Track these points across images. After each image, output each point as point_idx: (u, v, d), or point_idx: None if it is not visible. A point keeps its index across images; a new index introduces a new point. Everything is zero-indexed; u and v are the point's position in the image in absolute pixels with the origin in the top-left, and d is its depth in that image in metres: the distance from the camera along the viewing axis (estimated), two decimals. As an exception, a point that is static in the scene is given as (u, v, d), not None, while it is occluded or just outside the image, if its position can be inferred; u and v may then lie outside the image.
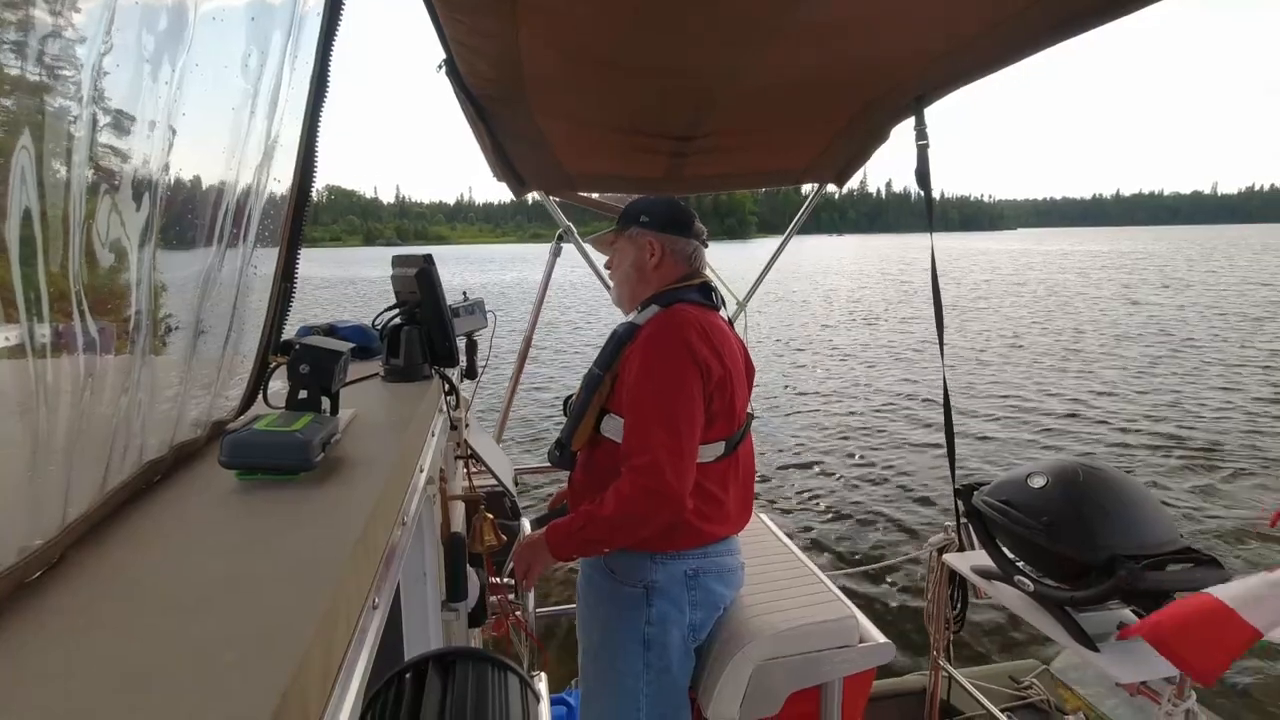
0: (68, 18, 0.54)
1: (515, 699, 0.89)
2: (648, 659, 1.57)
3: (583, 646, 1.71)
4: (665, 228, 1.68)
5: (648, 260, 1.69)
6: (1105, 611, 1.80)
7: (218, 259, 0.88)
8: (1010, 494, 1.87)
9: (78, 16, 0.55)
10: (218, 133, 0.83)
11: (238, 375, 1.08)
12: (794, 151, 2.45)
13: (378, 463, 0.91)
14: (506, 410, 3.50)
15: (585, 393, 1.64)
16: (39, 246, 0.54)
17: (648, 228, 1.69)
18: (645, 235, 1.69)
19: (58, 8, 0.54)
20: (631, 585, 1.58)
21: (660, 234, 1.68)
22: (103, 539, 0.67)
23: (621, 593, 1.59)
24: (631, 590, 1.58)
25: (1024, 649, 3.87)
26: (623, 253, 1.73)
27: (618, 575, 1.60)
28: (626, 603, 1.58)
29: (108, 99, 0.61)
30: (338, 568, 0.60)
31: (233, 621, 0.52)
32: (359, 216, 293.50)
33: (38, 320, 0.55)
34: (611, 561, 1.61)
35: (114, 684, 0.45)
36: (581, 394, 1.66)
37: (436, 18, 1.40)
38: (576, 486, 1.73)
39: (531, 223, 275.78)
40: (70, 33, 0.55)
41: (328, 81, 1.08)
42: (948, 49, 1.54)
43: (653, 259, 1.68)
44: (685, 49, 1.50)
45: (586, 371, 1.67)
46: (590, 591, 1.68)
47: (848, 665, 1.65)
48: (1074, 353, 13.73)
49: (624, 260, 1.72)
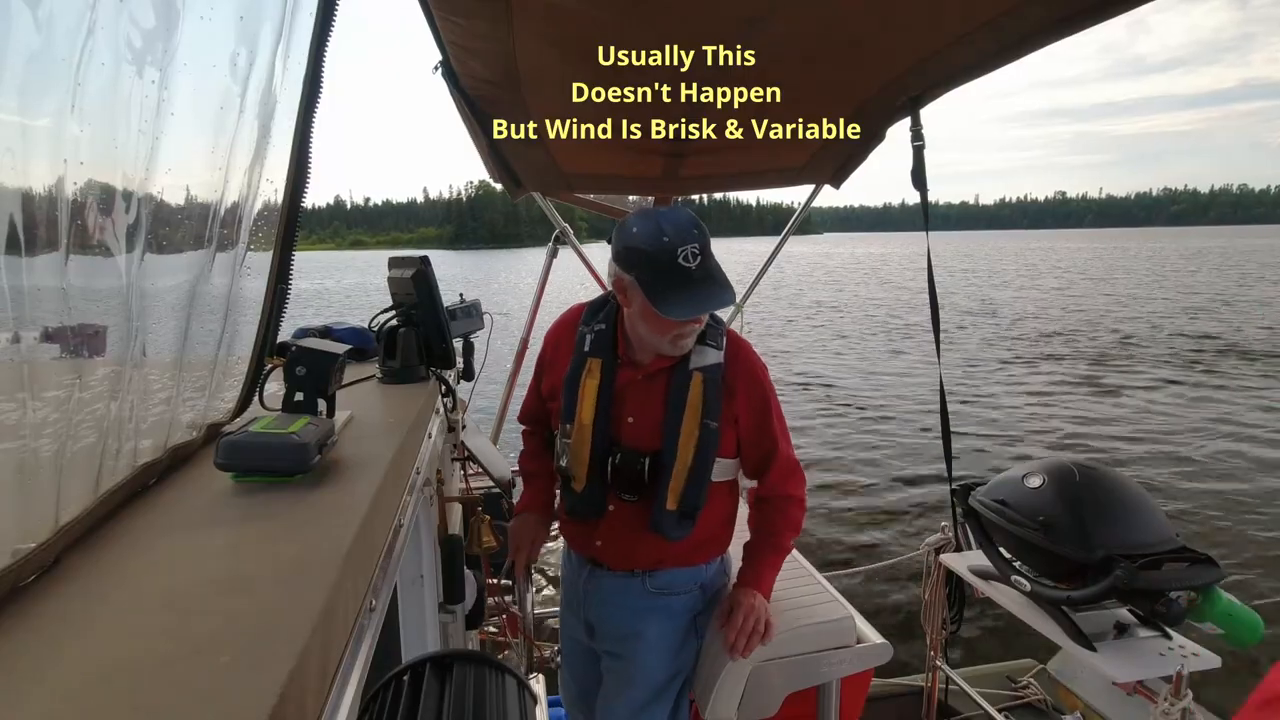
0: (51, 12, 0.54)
1: (513, 701, 0.89)
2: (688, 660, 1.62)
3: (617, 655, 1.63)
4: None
5: None
6: (1102, 611, 1.80)
7: (209, 260, 0.88)
8: (1007, 494, 1.87)
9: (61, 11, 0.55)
10: (207, 132, 0.82)
11: (233, 377, 1.08)
12: (790, 151, 2.45)
13: (374, 465, 0.91)
14: (503, 411, 3.49)
15: (704, 451, 1.46)
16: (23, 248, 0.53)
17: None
18: None
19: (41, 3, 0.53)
20: (682, 593, 1.58)
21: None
22: (99, 542, 0.66)
23: (673, 604, 1.58)
24: (682, 598, 1.59)
25: (1021, 649, 3.87)
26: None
27: (667, 589, 1.58)
28: (678, 609, 1.59)
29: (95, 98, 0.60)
30: (334, 570, 0.60)
31: (230, 623, 0.52)
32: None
33: (27, 323, 0.55)
34: (656, 580, 1.57)
35: (110, 686, 0.44)
36: (699, 453, 1.46)
37: (433, 19, 1.40)
38: (621, 534, 1.55)
39: (352, 229, 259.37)
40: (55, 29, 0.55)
41: (321, 81, 1.08)
42: (942, 48, 1.54)
43: None
44: (679, 47, 1.50)
45: (677, 429, 1.46)
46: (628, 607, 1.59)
47: (845, 666, 1.65)
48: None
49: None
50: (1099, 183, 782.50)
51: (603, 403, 1.50)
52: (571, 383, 1.53)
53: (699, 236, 1.35)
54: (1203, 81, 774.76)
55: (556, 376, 1.57)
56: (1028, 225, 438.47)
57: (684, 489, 1.47)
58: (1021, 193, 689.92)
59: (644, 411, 1.51)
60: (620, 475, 1.49)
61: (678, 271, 1.33)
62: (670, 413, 1.48)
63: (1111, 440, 8.20)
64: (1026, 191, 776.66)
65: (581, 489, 1.53)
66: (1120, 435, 8.37)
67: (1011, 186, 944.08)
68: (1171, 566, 1.64)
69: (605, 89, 1.80)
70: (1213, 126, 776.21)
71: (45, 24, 0.53)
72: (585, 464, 1.51)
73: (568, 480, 1.55)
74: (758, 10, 1.32)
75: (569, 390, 1.53)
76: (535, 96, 1.82)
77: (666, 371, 1.50)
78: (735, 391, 1.50)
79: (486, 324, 2.14)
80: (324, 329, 1.78)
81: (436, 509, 1.67)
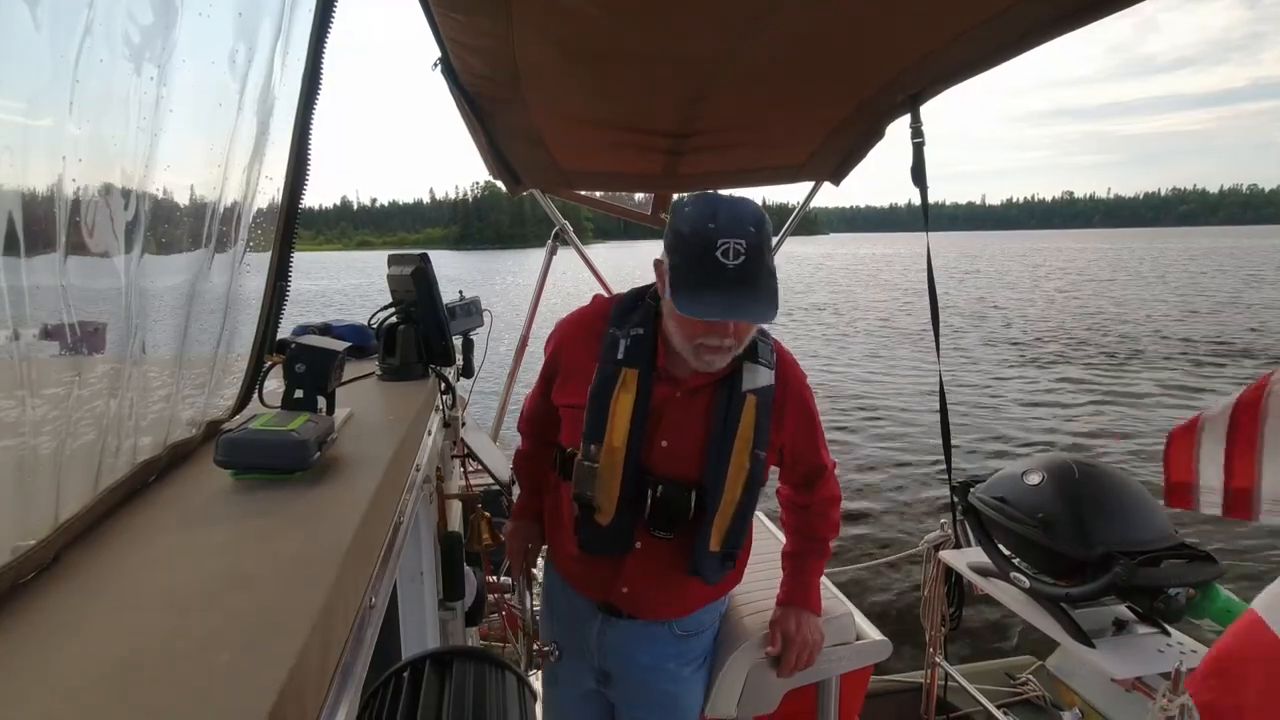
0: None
1: (513, 698, 0.89)
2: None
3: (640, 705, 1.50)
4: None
5: None
6: (1101, 607, 1.80)
7: (208, 257, 0.88)
8: (1006, 491, 1.88)
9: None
10: (206, 130, 0.82)
11: (232, 375, 1.08)
12: (790, 148, 2.45)
13: (374, 462, 0.91)
14: (503, 408, 3.50)
15: (753, 485, 1.32)
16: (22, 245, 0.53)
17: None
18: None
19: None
20: (707, 629, 1.50)
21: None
22: (98, 539, 0.66)
23: (695, 647, 1.48)
24: (707, 633, 1.50)
25: (1020, 645, 3.88)
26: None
27: (695, 629, 1.48)
28: (701, 649, 1.50)
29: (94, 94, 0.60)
30: (334, 567, 0.60)
31: (230, 620, 0.52)
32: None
33: (26, 320, 0.55)
34: (684, 624, 1.45)
35: (110, 684, 0.44)
36: (748, 489, 1.32)
37: (432, 16, 1.39)
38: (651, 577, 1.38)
39: (359, 229, 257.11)
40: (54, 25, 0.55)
41: (320, 77, 1.08)
42: (942, 45, 1.54)
43: None
44: (678, 41, 1.50)
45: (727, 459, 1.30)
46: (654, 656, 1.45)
47: (844, 663, 1.65)
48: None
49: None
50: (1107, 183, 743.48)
51: (637, 422, 1.29)
52: (600, 397, 1.30)
53: (754, 235, 1.13)
54: (1212, 81, 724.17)
55: (576, 385, 1.35)
56: (1035, 225, 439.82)
57: (729, 527, 1.31)
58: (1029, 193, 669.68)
59: (680, 435, 1.31)
60: (660, 509, 1.29)
61: (711, 264, 1.12)
62: (715, 439, 1.29)
63: (1112, 439, 8.22)
64: (1034, 192, 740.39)
65: (608, 522, 1.31)
66: (1120, 435, 8.38)
67: (1019, 186, 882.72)
68: (1170, 563, 1.65)
69: (605, 85, 1.80)
70: (1222, 126, 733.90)
71: (43, 20, 0.53)
72: (615, 494, 1.29)
73: (589, 510, 1.32)
74: (758, 7, 1.31)
75: (597, 405, 1.30)
76: (535, 93, 1.82)
77: (710, 389, 1.31)
78: (785, 417, 1.36)
79: (486, 321, 2.14)
80: (324, 326, 1.78)
81: (436, 506, 1.67)
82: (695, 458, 1.30)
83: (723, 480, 1.29)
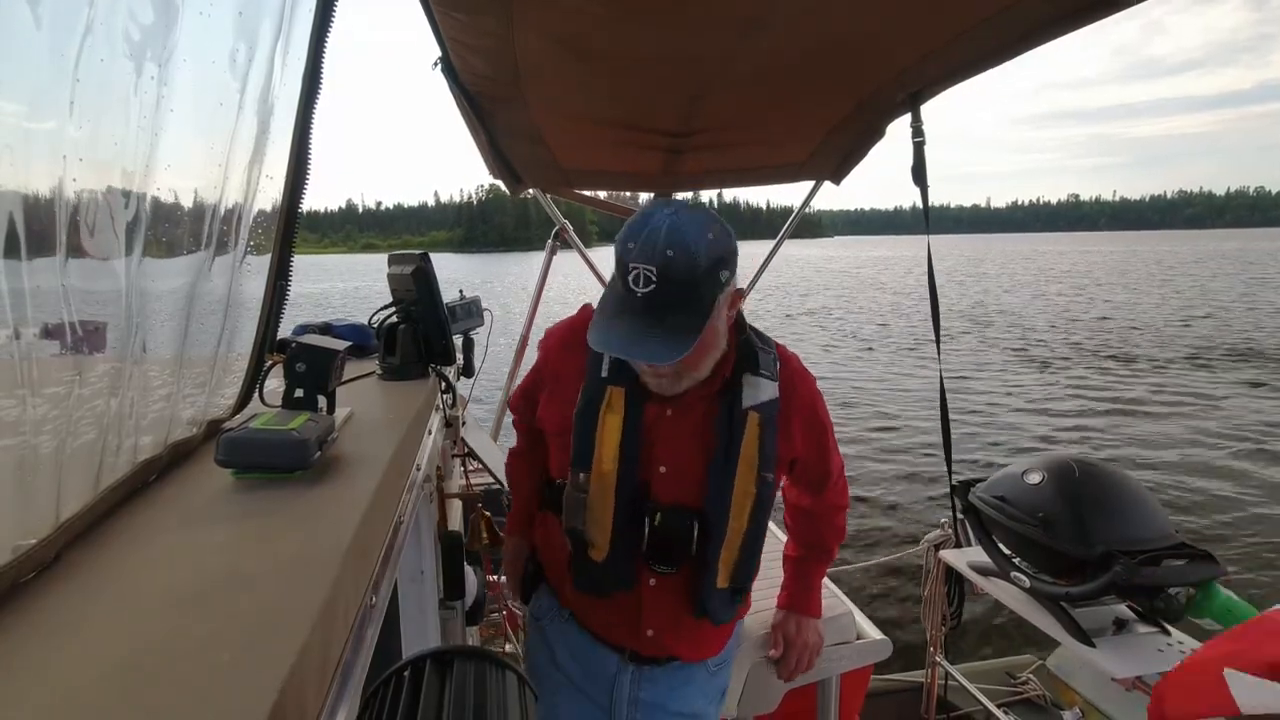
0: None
1: (513, 697, 0.89)
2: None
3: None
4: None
5: (727, 315, 1.14)
6: (1101, 607, 1.80)
7: (209, 257, 0.88)
8: (1006, 490, 1.88)
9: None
10: (207, 130, 0.82)
11: (233, 374, 1.08)
12: (790, 147, 2.45)
13: (374, 461, 0.91)
14: (503, 408, 3.50)
15: (760, 512, 1.20)
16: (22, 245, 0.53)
17: (732, 277, 1.09)
18: (730, 287, 1.10)
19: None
20: (726, 661, 1.41)
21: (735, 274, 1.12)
22: (99, 538, 0.66)
23: (722, 679, 1.41)
24: (726, 666, 1.42)
25: (1020, 645, 3.88)
26: (713, 331, 1.08)
27: (725, 663, 1.41)
28: (723, 682, 1.42)
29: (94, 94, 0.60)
30: (335, 566, 0.60)
31: (230, 620, 0.52)
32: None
33: (26, 319, 0.55)
34: (717, 659, 1.37)
35: (110, 683, 0.44)
36: (755, 516, 1.20)
37: (432, 15, 1.39)
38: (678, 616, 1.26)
39: (364, 232, 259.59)
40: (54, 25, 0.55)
41: (321, 77, 1.08)
42: (942, 44, 1.53)
43: (732, 310, 1.16)
44: (678, 40, 1.50)
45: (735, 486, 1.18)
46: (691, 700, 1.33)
47: (845, 662, 1.66)
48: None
49: (717, 338, 1.12)
50: (1113, 185, 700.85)
51: (628, 445, 1.17)
52: (586, 418, 1.18)
53: (670, 258, 0.98)
54: (1219, 83, 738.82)
55: (562, 399, 1.24)
56: (1040, 228, 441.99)
57: (737, 560, 1.19)
58: (1034, 195, 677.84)
59: (678, 457, 1.19)
60: (659, 540, 1.16)
61: (624, 290, 1.01)
62: (717, 464, 1.17)
63: (1111, 438, 8.22)
64: (1040, 194, 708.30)
65: (603, 559, 1.19)
66: (1119, 434, 8.38)
67: (1024, 189, 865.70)
68: (1170, 562, 1.64)
69: (605, 84, 1.80)
70: (1228, 128, 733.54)
71: (44, 20, 0.53)
72: (609, 526, 1.18)
73: (581, 545, 1.21)
74: (758, 6, 1.31)
75: (582, 428, 1.18)
76: (535, 92, 1.82)
77: (703, 403, 1.18)
78: (793, 431, 1.23)
79: (486, 320, 2.14)
80: (324, 325, 1.78)
81: (437, 505, 1.67)
82: (695, 481, 1.18)
83: (727, 508, 1.17)
